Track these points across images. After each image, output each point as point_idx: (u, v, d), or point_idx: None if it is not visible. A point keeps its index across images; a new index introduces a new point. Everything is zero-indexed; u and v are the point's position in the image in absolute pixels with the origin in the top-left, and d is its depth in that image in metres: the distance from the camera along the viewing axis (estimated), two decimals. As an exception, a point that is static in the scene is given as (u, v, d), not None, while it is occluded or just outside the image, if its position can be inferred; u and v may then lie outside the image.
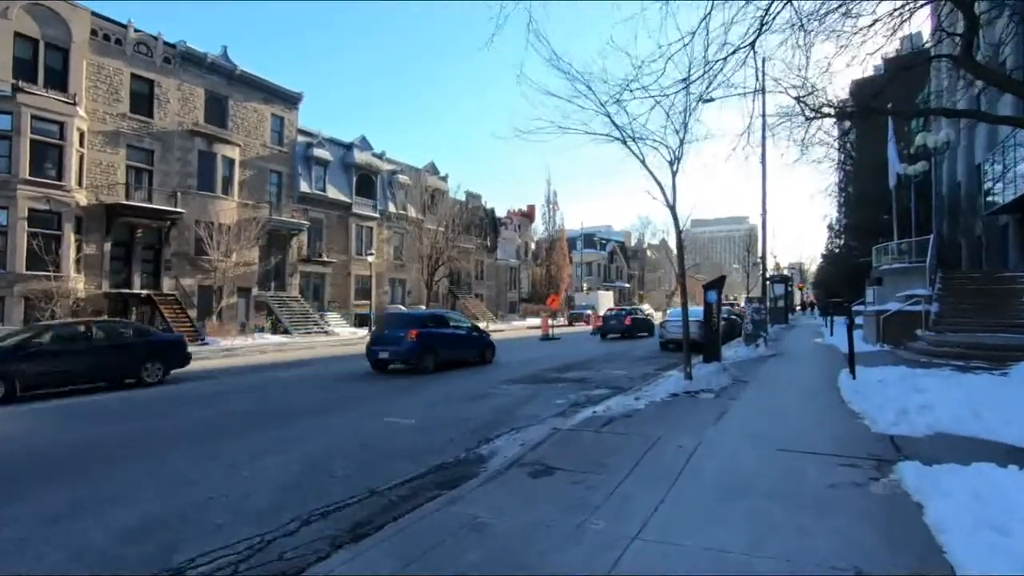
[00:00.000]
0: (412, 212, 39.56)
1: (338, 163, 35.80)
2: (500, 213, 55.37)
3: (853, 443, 5.35)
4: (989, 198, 21.18)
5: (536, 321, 48.74)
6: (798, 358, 13.63)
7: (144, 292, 24.19)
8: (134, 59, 24.62)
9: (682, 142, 9.50)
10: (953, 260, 22.86)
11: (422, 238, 36.44)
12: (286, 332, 28.54)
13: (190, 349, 13.73)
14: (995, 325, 13.13)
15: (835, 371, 10.78)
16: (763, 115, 19.08)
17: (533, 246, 61.45)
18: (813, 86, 15.46)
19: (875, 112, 15.75)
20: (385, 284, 39.29)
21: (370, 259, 30.04)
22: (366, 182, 37.72)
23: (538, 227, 61.23)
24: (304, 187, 32.74)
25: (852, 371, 9.14)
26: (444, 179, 45.61)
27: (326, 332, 29.80)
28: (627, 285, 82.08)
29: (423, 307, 34.62)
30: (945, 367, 10.50)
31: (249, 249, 28.64)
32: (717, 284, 10.28)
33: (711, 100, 9.44)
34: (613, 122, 9.38)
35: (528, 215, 59.51)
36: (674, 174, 9.45)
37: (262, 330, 28.18)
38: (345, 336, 29.28)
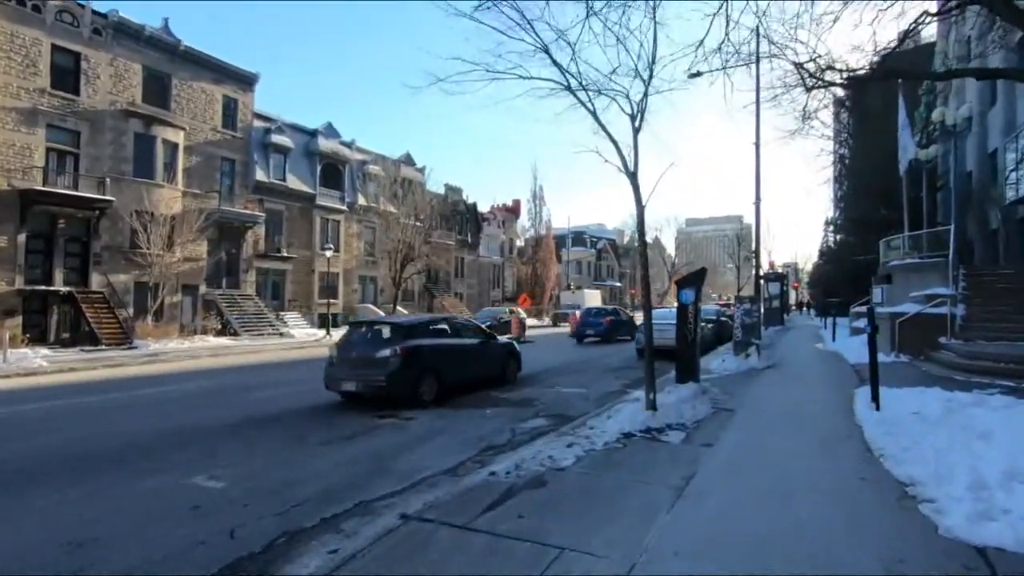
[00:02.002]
0: (385, 205, 36.92)
1: (301, 151, 33.18)
2: (483, 208, 52.86)
3: (918, 570, 2.89)
4: (1011, 187, 18.87)
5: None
6: (798, 372, 11.20)
7: (65, 289, 21.53)
8: (56, 28, 21.94)
9: (647, 90, 7.06)
10: (965, 256, 20.53)
11: (397, 233, 33.86)
12: (235, 334, 25.95)
13: (111, 353, 11.13)
14: (1038, 332, 10.77)
15: (847, 393, 8.35)
16: (756, 88, 16.72)
17: (519, 243, 58.97)
18: (815, 51, 13.01)
19: (891, 76, 13.32)
20: (355, 282, 36.71)
21: (328, 254, 27.47)
22: (332, 172, 35.10)
23: (524, 223, 58.78)
24: (261, 176, 30.12)
25: (874, 397, 6.70)
26: (421, 171, 43.01)
27: (280, 334, 27.21)
28: (618, 284, 79.78)
29: (394, 307, 32.13)
30: (991, 388, 8.10)
31: (195, 243, 26.02)
32: (694, 280, 7.82)
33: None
34: (553, 60, 6.93)
35: (513, 210, 57.01)
36: (636, 131, 7.00)
37: (208, 332, 25.58)
38: (301, 338, 26.71)
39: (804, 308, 60.19)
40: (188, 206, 25.90)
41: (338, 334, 23.83)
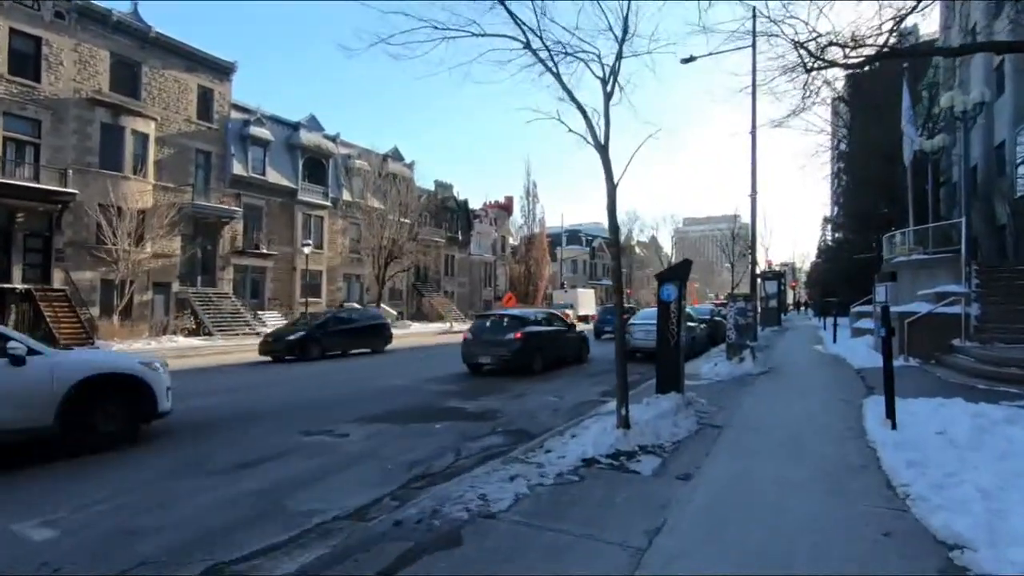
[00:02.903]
0: (371, 201, 35.74)
1: (281, 144, 32.01)
2: (475, 205, 51.71)
3: None
4: (1021, 180, 17.85)
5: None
6: (797, 378, 10.10)
7: (24, 287, 20.35)
8: (13, 11, 20.74)
9: (620, 50, 5.95)
10: (971, 252, 19.46)
11: (380, 229, 32.71)
12: (209, 334, 24.81)
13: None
14: (1064, 334, 9.69)
15: (854, 404, 7.26)
16: (753, 70, 15.63)
17: (512, 241, 57.84)
18: (814, 30, 12.02)
19: (897, 55, 12.22)
20: (339, 280, 35.55)
21: (307, 250, 26.28)
22: (315, 166, 33.94)
23: (517, 220, 57.63)
24: (239, 169, 28.94)
25: (889, 413, 5.60)
26: (409, 166, 41.90)
27: (257, 334, 26.00)
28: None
29: (378, 306, 30.99)
30: (1020, 399, 7.01)
31: (167, 238, 24.92)
32: (677, 273, 6.69)
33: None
34: (508, 11, 5.82)
35: (506, 208, 55.86)
36: (607, 96, 5.90)
37: (180, 331, 24.40)
38: (278, 338, 25.49)
39: (802, 308, 59.22)
40: (159, 200, 24.75)
41: None
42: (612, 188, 5.77)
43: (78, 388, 5.50)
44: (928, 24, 52.04)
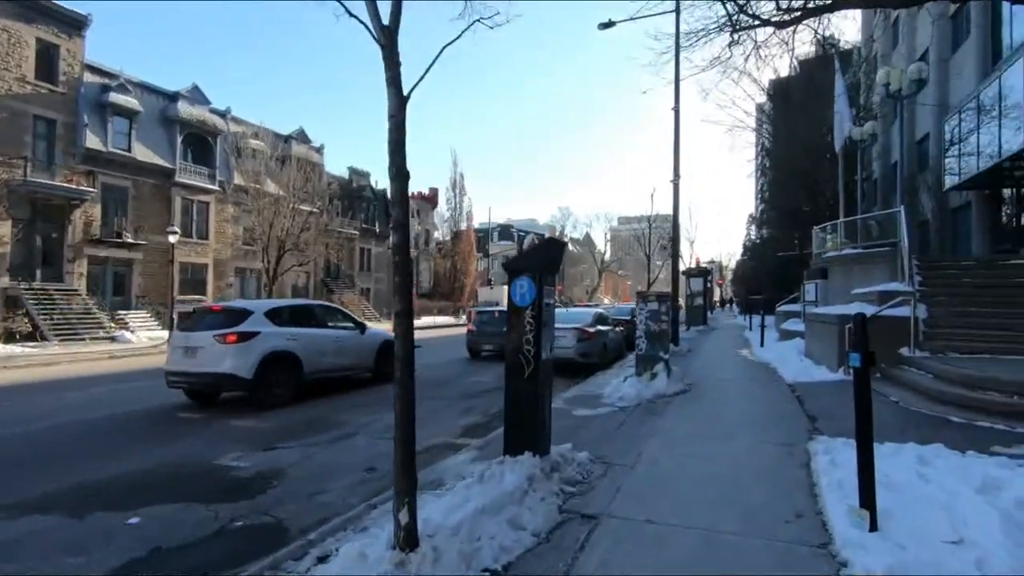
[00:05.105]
0: (269, 186, 31.67)
1: (155, 116, 27.52)
2: (396, 196, 48.17)
3: None
4: (949, 172, 16.88)
5: (436, 319, 42.23)
6: (720, 404, 7.91)
7: None
8: None
9: None
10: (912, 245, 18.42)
11: (270, 217, 28.79)
12: (44, 339, 20.39)
13: None
14: (1027, 342, 8.03)
15: (798, 450, 5.06)
16: (676, 34, 13.58)
17: (437, 235, 54.75)
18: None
19: (837, 6, 10.34)
20: (229, 274, 31.35)
21: (173, 239, 22.19)
22: (200, 144, 29.60)
23: (443, 214, 54.55)
24: (95, 143, 24.36)
25: (865, 502, 3.30)
26: (318, 149, 37.99)
27: (112, 338, 21.79)
28: (546, 280, 77.00)
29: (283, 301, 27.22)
30: (1020, 444, 5.01)
31: (-11, 222, 20.27)
32: (533, 262, 4.17)
33: None
34: None
35: (430, 199, 52.65)
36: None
37: (11, 336, 19.88)
38: (139, 344, 21.44)
39: (727, 306, 59.76)
40: (-22, 175, 20.09)
41: None
42: (400, 103, 3.14)
43: None
44: (848, 34, 53.35)
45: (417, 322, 38.35)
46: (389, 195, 3.13)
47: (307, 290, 36.05)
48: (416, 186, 55.45)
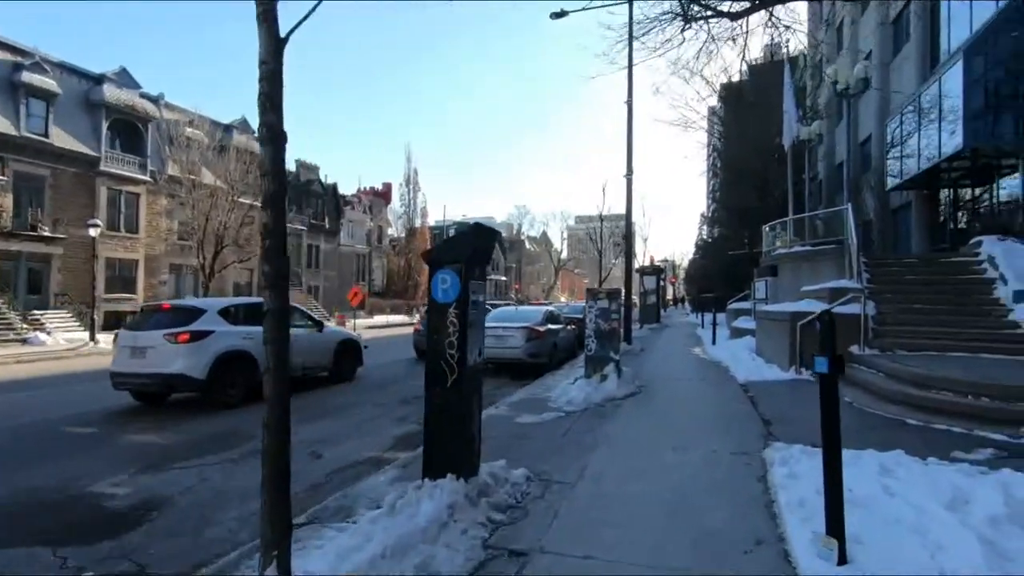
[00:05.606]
0: (206, 177, 29.81)
1: (76, 99, 25.39)
2: (348, 191, 46.67)
3: None
4: (891, 177, 17.28)
5: (390, 318, 41.02)
6: (673, 406, 7.52)
7: None
8: None
9: None
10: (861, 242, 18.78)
11: (211, 210, 27.10)
12: (-60, 342, 18.37)
13: None
14: (972, 338, 8.01)
15: (754, 459, 4.67)
16: (629, 23, 13.26)
17: (391, 231, 53.37)
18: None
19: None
20: (163, 271, 29.38)
21: (94, 232, 20.37)
22: (129, 132, 27.56)
23: (397, 210, 53.22)
24: (6, 126, 22.21)
25: (834, 527, 2.84)
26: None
27: (24, 340, 19.87)
28: (503, 278, 76.59)
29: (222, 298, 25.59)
30: (977, 447, 4.78)
31: None
32: (459, 252, 3.55)
33: None
34: None
35: (383, 195, 51.25)
36: None
37: None
38: (56, 346, 19.61)
39: (680, 303, 60.82)
40: None
41: (108, 339, 17.38)
42: (274, 46, 2.48)
43: None
44: (793, 42, 54.92)
45: (369, 321, 37.37)
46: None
47: (250, 288, 34.27)
48: (369, 181, 54.01)
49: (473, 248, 3.65)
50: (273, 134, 2.47)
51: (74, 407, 8.22)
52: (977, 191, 15.50)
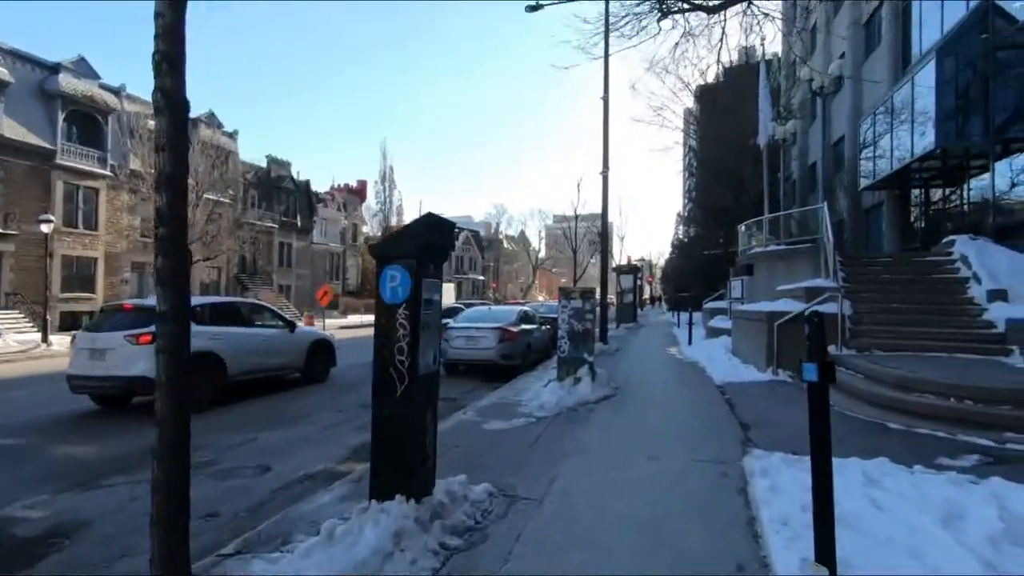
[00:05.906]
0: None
1: (30, 89, 24.18)
2: (321, 188, 45.67)
3: None
4: (864, 177, 17.37)
5: (364, 318, 40.21)
6: (648, 411, 7.24)
7: None
8: None
9: None
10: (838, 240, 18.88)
11: (190, 207, 26.06)
12: None
13: None
14: (948, 338, 7.90)
15: (733, 468, 4.40)
16: (605, 21, 13.00)
17: (366, 229, 52.47)
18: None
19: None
20: (125, 270, 28.24)
21: (46, 228, 19.32)
22: (88, 124, 26.40)
23: (372, 208, 52.34)
24: (-49, 116, 20.98)
25: (824, 554, 2.55)
26: (231, 135, 35.10)
27: (-30, 342, 18.74)
28: (481, 277, 76.10)
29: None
30: (961, 454, 4.58)
31: None
32: (409, 247, 3.19)
33: None
34: None
35: (358, 192, 50.35)
36: None
37: None
38: (7, 350, 18.51)
39: (656, 303, 61.17)
40: None
41: (63, 341, 16.46)
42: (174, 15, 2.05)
43: None
44: (770, 44, 55.65)
45: (343, 321, 36.54)
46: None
47: (219, 287, 33.25)
48: (344, 178, 52.96)
49: (425, 242, 3.27)
50: (171, 101, 2.06)
51: (6, 416, 7.59)
52: (948, 191, 15.65)
